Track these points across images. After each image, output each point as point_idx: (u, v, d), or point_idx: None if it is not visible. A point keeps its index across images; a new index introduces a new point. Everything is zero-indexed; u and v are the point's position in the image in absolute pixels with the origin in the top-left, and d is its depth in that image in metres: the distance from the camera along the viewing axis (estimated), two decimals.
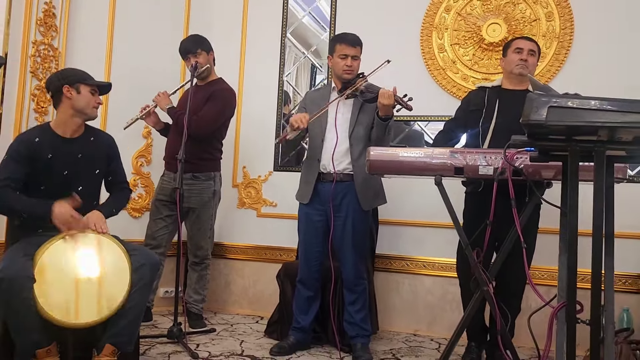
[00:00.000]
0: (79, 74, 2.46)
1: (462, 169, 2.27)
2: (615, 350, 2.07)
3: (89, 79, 2.45)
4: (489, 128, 2.61)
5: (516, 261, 2.40)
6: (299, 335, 2.88)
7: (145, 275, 2.32)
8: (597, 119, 1.36)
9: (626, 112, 1.36)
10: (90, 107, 2.44)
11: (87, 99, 2.41)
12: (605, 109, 1.37)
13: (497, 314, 2.28)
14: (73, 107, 2.40)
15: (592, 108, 1.36)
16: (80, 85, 2.40)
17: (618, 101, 1.38)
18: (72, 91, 2.39)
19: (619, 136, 1.43)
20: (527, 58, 2.65)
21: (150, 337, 2.91)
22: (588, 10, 3.29)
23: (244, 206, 3.90)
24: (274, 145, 3.84)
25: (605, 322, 1.47)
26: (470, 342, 2.75)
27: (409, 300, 3.49)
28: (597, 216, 1.44)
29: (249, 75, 3.94)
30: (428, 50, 3.57)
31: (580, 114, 1.37)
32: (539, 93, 1.42)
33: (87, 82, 2.43)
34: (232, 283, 3.87)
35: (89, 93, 2.42)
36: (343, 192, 2.75)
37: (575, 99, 1.38)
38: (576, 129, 1.40)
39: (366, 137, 2.76)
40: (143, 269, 2.31)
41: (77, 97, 2.39)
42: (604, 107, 1.36)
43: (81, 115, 2.43)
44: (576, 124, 1.37)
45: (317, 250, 2.84)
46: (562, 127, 1.40)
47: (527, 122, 1.39)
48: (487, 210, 2.28)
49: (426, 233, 3.45)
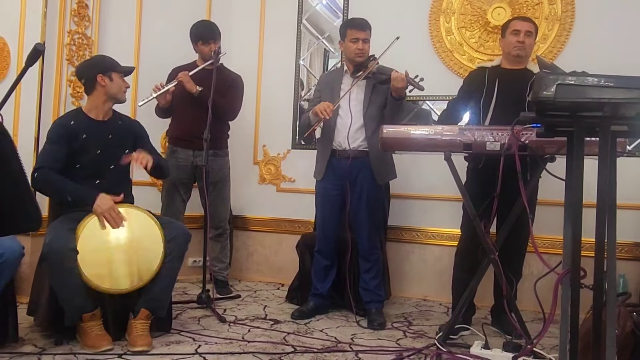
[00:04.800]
0: (109, 62, 2.46)
1: (470, 145, 2.25)
2: None
3: (118, 66, 2.46)
4: (490, 106, 2.56)
5: (517, 231, 2.40)
6: (318, 301, 2.90)
7: (177, 246, 2.36)
8: (603, 96, 1.33)
9: (630, 89, 1.33)
10: (122, 92, 2.46)
11: (118, 85, 2.44)
12: (610, 85, 1.34)
13: (503, 280, 2.28)
14: (107, 93, 2.42)
15: (597, 85, 1.33)
16: (113, 73, 2.42)
17: (622, 78, 1.34)
18: (106, 79, 2.40)
19: (622, 112, 1.40)
20: (524, 40, 2.54)
21: (181, 303, 2.96)
22: None
23: (265, 182, 3.91)
24: (292, 125, 3.84)
25: (608, 287, 1.46)
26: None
27: (419, 268, 3.50)
28: (601, 188, 1.42)
29: (267, 59, 3.91)
30: (436, 34, 3.50)
31: (587, 91, 1.33)
32: (547, 71, 1.39)
33: (117, 69, 2.44)
34: (254, 253, 3.91)
35: (120, 79, 2.44)
36: (358, 168, 2.74)
37: (581, 77, 1.35)
38: (582, 106, 1.36)
39: (379, 116, 2.74)
40: (175, 240, 2.35)
41: (111, 84, 2.41)
42: (608, 84, 1.33)
43: (113, 100, 2.46)
44: (583, 100, 1.34)
45: (333, 223, 2.85)
46: (569, 104, 1.36)
47: (536, 99, 1.36)
48: (487, 185, 2.26)
49: (434, 206, 3.44)
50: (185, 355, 2.18)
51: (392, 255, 3.44)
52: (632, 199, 3.06)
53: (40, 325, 2.35)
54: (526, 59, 2.60)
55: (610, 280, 1.46)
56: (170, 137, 3.30)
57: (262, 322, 2.74)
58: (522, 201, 1.91)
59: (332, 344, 2.40)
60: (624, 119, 1.44)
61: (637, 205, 3.06)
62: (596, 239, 1.42)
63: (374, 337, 2.55)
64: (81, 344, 2.21)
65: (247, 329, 2.59)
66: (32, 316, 2.40)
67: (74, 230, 2.22)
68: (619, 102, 1.34)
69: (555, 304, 1.49)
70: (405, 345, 2.43)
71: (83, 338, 2.21)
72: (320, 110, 2.64)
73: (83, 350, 2.17)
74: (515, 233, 2.40)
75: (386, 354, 2.27)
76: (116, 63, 2.47)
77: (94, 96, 2.44)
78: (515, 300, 2.49)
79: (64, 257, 2.11)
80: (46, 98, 2.98)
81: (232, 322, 2.69)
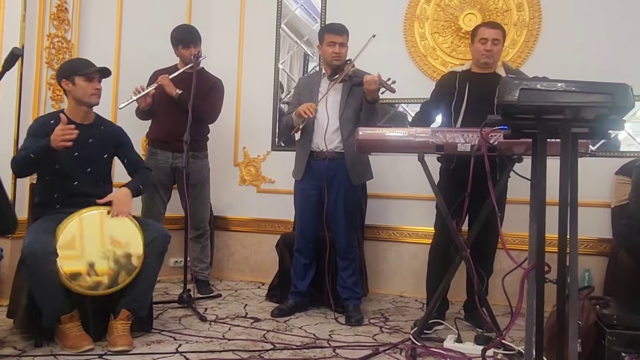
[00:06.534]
0: (73, 66, 2.39)
1: (442, 146, 2.28)
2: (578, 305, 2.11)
3: (81, 69, 2.35)
4: (461, 109, 2.59)
5: (487, 229, 2.43)
6: (297, 299, 2.91)
7: (157, 248, 2.33)
8: (564, 100, 1.36)
9: (589, 93, 1.36)
10: (88, 95, 2.36)
11: (83, 89, 2.34)
12: (571, 90, 1.37)
13: (475, 276, 2.31)
14: (73, 97, 2.37)
15: (559, 90, 1.36)
16: (75, 77, 2.34)
17: (582, 83, 1.38)
18: (69, 84, 2.35)
19: (583, 115, 1.43)
20: (492, 48, 2.56)
21: (162, 303, 2.93)
22: (555, 0, 3.27)
23: (245, 183, 3.90)
24: (272, 127, 3.84)
25: (570, 281, 1.49)
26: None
27: (396, 265, 3.53)
28: (563, 187, 1.45)
29: (247, 63, 3.91)
30: (411, 39, 3.54)
31: (549, 95, 1.37)
32: (512, 77, 1.42)
33: (80, 73, 2.34)
34: (235, 253, 3.89)
35: (84, 82, 2.34)
36: (335, 168, 2.75)
37: (544, 82, 1.38)
38: (545, 109, 1.40)
39: (355, 118, 2.76)
40: (155, 241, 2.33)
41: (74, 89, 2.35)
42: (569, 89, 1.36)
43: (82, 104, 2.38)
44: (545, 104, 1.37)
45: (312, 222, 2.85)
46: (532, 107, 1.39)
47: (501, 103, 1.39)
48: (459, 185, 2.29)
49: (409, 205, 3.47)
50: (166, 355, 2.16)
51: (369, 253, 3.46)
52: (597, 197, 3.14)
53: (19, 327, 2.30)
54: (494, 65, 2.64)
55: (572, 274, 1.50)
56: (150, 139, 3.27)
57: (243, 320, 2.73)
58: (491, 199, 1.94)
59: (310, 340, 2.41)
60: (585, 121, 1.48)
61: (601, 203, 3.14)
62: (559, 236, 1.46)
63: (352, 333, 2.56)
64: (61, 346, 2.17)
65: (228, 327, 2.58)
66: (12, 318, 2.36)
67: (54, 233, 2.18)
68: (579, 106, 1.38)
69: (522, 298, 1.52)
70: (382, 340, 2.45)
71: (62, 339, 2.17)
72: (304, 110, 2.65)
73: (63, 352, 2.13)
74: (485, 231, 2.43)
75: (363, 349, 2.29)
76: (82, 66, 2.37)
77: (67, 100, 2.42)
78: (486, 295, 2.53)
79: (43, 260, 2.07)
80: (25, 101, 2.92)
81: (213, 321, 2.67)
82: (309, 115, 2.64)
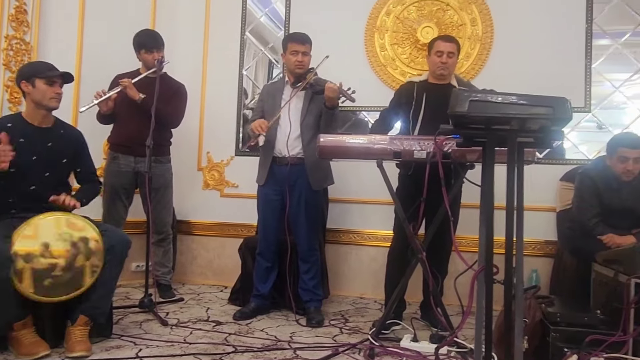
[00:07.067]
0: (34, 68, 2.32)
1: (400, 153, 2.33)
2: (524, 304, 2.20)
3: (43, 72, 2.28)
4: (418, 117, 2.65)
5: (442, 232, 2.50)
6: (259, 302, 2.90)
7: (116, 254, 2.27)
8: (510, 111, 1.42)
9: (533, 106, 1.43)
10: (47, 98, 2.28)
11: (42, 92, 2.27)
12: (517, 102, 1.43)
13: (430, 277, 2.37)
14: (32, 100, 2.29)
15: (505, 102, 1.42)
16: (35, 79, 2.26)
17: (527, 96, 1.44)
18: (28, 86, 2.27)
19: (528, 126, 1.50)
20: (447, 60, 2.65)
21: (123, 308, 2.85)
22: (506, 17, 3.41)
23: (209, 187, 3.85)
24: (235, 132, 3.81)
25: (516, 281, 1.55)
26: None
27: (356, 267, 3.57)
28: (509, 192, 1.52)
29: (211, 69, 3.87)
30: (371, 49, 3.61)
31: (496, 107, 1.42)
32: (462, 89, 1.48)
33: (41, 76, 2.27)
34: (198, 257, 3.84)
35: (45, 85, 2.27)
36: (297, 174, 2.77)
37: (492, 94, 1.44)
38: (493, 120, 1.45)
39: (316, 125, 2.78)
40: (115, 247, 2.26)
41: (33, 91, 2.27)
42: (515, 102, 1.42)
43: (41, 107, 2.30)
44: (493, 115, 1.42)
45: (274, 226, 2.85)
46: (482, 118, 1.45)
47: (452, 114, 1.44)
48: (417, 190, 2.35)
49: (369, 209, 3.52)
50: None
51: (330, 256, 3.49)
52: (544, 202, 3.28)
53: None
54: (449, 76, 2.72)
55: (518, 275, 1.56)
56: (112, 143, 3.18)
57: (205, 324, 2.69)
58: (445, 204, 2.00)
59: (272, 342, 2.40)
60: (530, 131, 1.55)
61: (548, 207, 3.28)
62: (506, 239, 1.52)
63: (312, 334, 2.57)
64: (15, 353, 2.08)
65: (189, 331, 2.54)
66: None
67: (10, 238, 2.09)
68: (525, 117, 1.44)
69: (472, 298, 1.57)
70: (341, 341, 2.47)
71: (16, 347, 2.07)
72: (255, 127, 2.67)
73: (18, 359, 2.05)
74: (441, 234, 2.49)
75: (323, 350, 2.30)
76: (43, 69, 2.30)
77: (26, 102, 2.33)
78: (441, 296, 2.60)
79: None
80: None
81: (175, 325, 2.62)
82: (259, 132, 2.65)
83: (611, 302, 2.16)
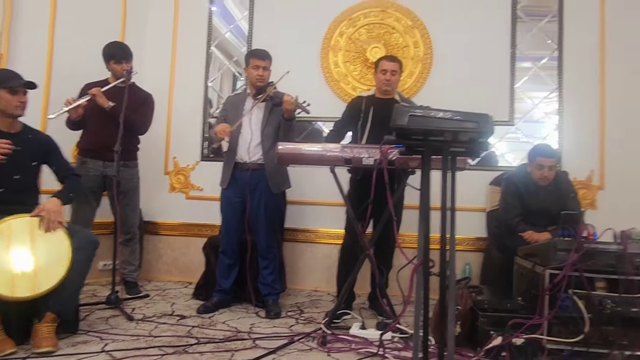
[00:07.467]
0: None
1: (350, 160, 2.37)
2: (457, 294, 2.28)
3: (5, 82, 2.17)
4: (366, 128, 2.71)
5: (388, 231, 2.55)
6: (222, 296, 2.85)
7: (85, 254, 2.18)
8: (444, 125, 1.48)
9: (464, 121, 1.49)
10: (12, 106, 2.18)
11: (6, 101, 2.17)
12: (450, 118, 1.49)
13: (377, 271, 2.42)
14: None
15: (440, 117, 1.47)
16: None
17: (459, 112, 1.50)
18: None
19: (460, 138, 1.56)
20: (390, 78, 2.72)
21: (89, 305, 2.73)
22: (444, 41, 3.54)
23: (175, 190, 3.76)
24: (201, 139, 3.75)
25: (449, 274, 1.61)
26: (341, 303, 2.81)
27: (311, 263, 3.58)
28: (443, 195, 1.57)
29: (178, 79, 3.79)
30: (326, 66, 3.64)
31: (432, 121, 1.48)
32: (403, 105, 1.52)
33: (3, 85, 2.16)
34: (164, 255, 3.73)
35: (8, 94, 2.16)
36: (257, 178, 2.75)
37: (428, 110, 1.49)
38: (429, 132, 1.51)
39: (275, 134, 2.78)
40: (83, 247, 2.17)
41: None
42: (448, 117, 1.48)
43: (5, 115, 2.19)
44: (429, 128, 1.48)
45: (235, 226, 2.82)
46: (420, 130, 1.50)
47: (394, 126, 1.48)
48: (365, 193, 2.39)
49: (323, 210, 3.54)
50: (91, 354, 2.02)
51: (288, 253, 3.48)
52: (476, 203, 3.41)
53: None
54: (393, 91, 2.79)
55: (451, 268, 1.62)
56: (81, 148, 3.05)
57: (169, 318, 2.62)
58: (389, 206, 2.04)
59: (232, 333, 2.37)
60: (461, 143, 1.61)
61: (479, 208, 3.41)
62: (441, 236, 1.57)
63: (270, 325, 2.56)
64: None
65: (155, 325, 2.47)
66: None
67: None
68: (456, 131, 1.50)
69: (411, 289, 1.62)
70: (297, 330, 2.47)
71: None
72: (219, 131, 2.65)
73: None
74: (386, 232, 2.54)
75: (280, 339, 2.29)
76: (6, 79, 2.18)
77: None
78: (386, 288, 2.65)
79: None
80: None
81: (140, 320, 2.54)
82: (222, 137, 2.65)
83: (530, 290, 2.26)
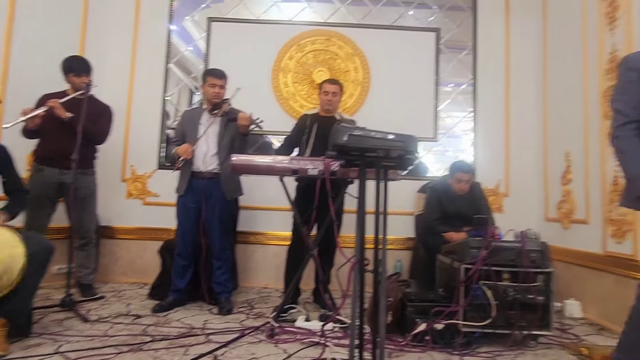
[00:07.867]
0: None
1: (297, 170, 2.41)
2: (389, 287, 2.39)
3: None
4: (309, 143, 2.79)
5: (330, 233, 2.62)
6: (177, 295, 2.78)
7: (39, 260, 2.04)
8: (377, 144, 1.57)
9: (394, 141, 1.60)
10: None
11: None
12: (382, 137, 1.59)
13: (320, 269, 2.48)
14: None
15: (373, 136, 1.57)
16: None
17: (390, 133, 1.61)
18: None
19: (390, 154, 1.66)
20: (332, 99, 2.81)
21: (43, 308, 2.55)
22: (380, 68, 3.71)
23: (132, 196, 3.62)
24: (158, 149, 3.64)
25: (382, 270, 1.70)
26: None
27: (261, 263, 3.58)
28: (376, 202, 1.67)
29: (137, 92, 3.67)
30: (276, 85, 3.69)
31: (367, 140, 1.57)
32: (343, 125, 1.60)
33: None
34: (120, 258, 3.57)
35: None
36: (212, 186, 2.73)
37: (364, 130, 1.58)
38: (365, 149, 1.60)
39: (229, 146, 2.77)
40: (37, 254, 2.03)
41: None
42: (381, 136, 1.58)
43: None
44: (364, 146, 1.57)
45: (191, 230, 2.77)
46: (357, 147, 1.59)
47: (335, 144, 1.56)
48: (309, 199, 2.46)
49: (272, 215, 3.56)
50: (45, 356, 1.90)
51: (240, 254, 3.46)
52: (407, 207, 3.59)
53: None
54: (334, 111, 2.89)
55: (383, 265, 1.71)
56: (38, 156, 2.86)
57: (125, 318, 2.52)
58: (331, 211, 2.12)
59: (186, 330, 2.32)
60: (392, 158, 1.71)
61: (409, 212, 3.59)
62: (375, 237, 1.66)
63: (223, 321, 2.53)
64: None
65: (110, 325, 2.36)
66: None
67: None
68: (387, 148, 1.60)
69: (349, 284, 1.69)
70: (247, 324, 2.46)
71: None
72: (182, 152, 2.64)
73: None
74: (328, 234, 2.60)
75: (231, 333, 2.28)
76: None
77: None
78: (328, 284, 2.72)
79: None
80: None
81: (95, 321, 2.42)
82: (186, 157, 2.63)
83: (449, 283, 2.42)
